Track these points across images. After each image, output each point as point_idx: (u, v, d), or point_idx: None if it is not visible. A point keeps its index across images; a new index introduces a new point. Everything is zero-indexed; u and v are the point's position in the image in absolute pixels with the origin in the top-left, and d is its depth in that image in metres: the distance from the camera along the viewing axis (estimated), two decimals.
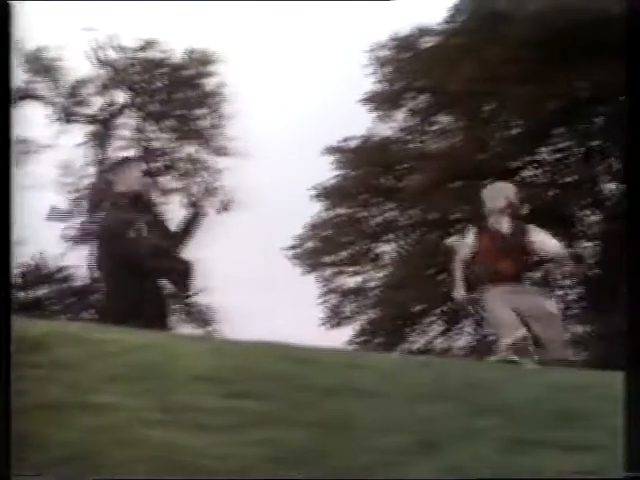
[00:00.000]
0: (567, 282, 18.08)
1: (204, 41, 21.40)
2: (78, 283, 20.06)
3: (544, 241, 7.05)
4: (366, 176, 19.16)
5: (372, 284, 19.50)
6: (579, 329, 17.58)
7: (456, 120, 18.82)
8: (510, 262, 6.91)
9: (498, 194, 7.09)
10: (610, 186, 17.60)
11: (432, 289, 18.18)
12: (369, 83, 19.29)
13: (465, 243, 7.09)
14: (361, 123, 19.51)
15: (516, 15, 15.95)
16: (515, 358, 6.97)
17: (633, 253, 3.57)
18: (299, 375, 3.79)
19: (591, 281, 17.32)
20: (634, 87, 3.71)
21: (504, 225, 6.99)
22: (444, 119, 19.27)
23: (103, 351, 3.83)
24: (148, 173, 21.05)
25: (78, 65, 19.89)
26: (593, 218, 17.77)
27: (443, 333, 19.16)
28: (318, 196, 19.03)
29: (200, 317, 21.09)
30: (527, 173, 18.13)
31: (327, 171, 19.17)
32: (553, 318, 7.07)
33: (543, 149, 17.93)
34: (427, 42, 19.37)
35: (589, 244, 17.82)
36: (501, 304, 6.92)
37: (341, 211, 19.35)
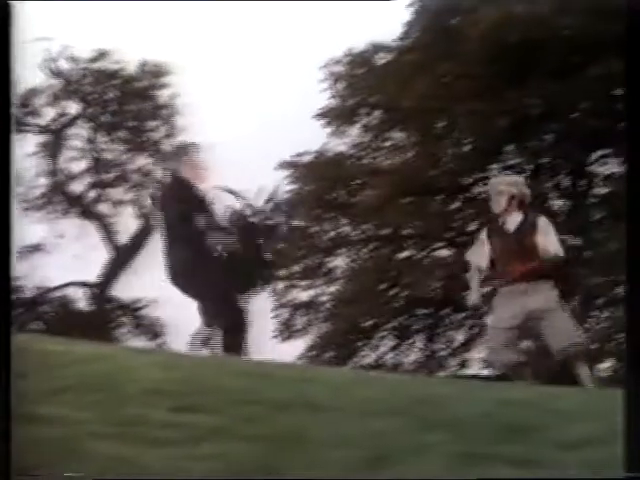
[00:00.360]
0: None
1: (158, 53, 21.33)
2: (27, 294, 19.83)
3: (545, 243, 6.79)
4: (319, 191, 19.19)
5: (324, 298, 19.52)
6: (528, 345, 17.72)
7: (409, 136, 18.95)
8: (519, 261, 6.69)
9: (501, 191, 6.83)
10: (559, 203, 17.82)
11: (384, 304, 18.26)
12: (324, 98, 19.38)
13: (478, 250, 6.91)
14: (316, 138, 19.57)
15: (469, 32, 16.12)
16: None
17: (633, 253, 3.60)
18: (250, 389, 3.78)
19: None
20: (634, 87, 3.75)
21: (511, 223, 6.79)
22: (397, 135, 19.40)
23: (51, 362, 3.79)
24: (98, 185, 21.00)
25: (30, 75, 19.71)
26: None
27: (394, 348, 19.22)
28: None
29: (150, 330, 20.97)
30: (478, 190, 18.31)
31: (281, 185, 19.12)
32: (561, 310, 6.97)
33: (494, 166, 18.11)
34: (381, 58, 19.51)
35: None
36: (506, 310, 6.78)
37: (294, 225, 19.36)
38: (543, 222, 6.83)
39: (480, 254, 6.85)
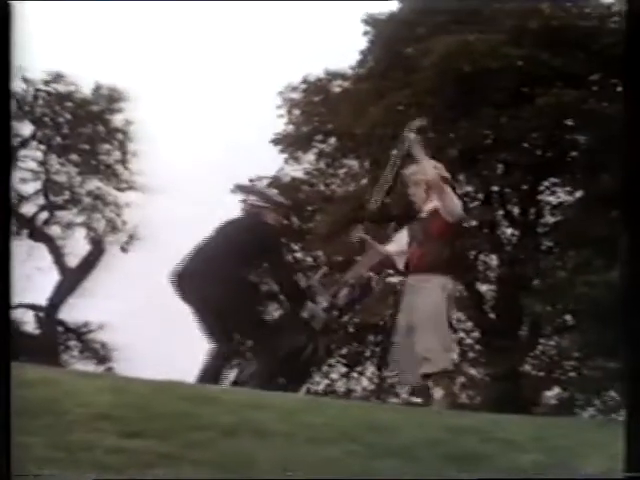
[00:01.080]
0: (464, 326, 18.39)
1: (112, 77, 21.27)
2: None
3: (444, 204, 6.13)
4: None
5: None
6: (475, 372, 17.87)
7: (363, 163, 19.05)
8: (418, 249, 6.23)
9: (413, 187, 6.39)
10: (508, 231, 18.01)
11: (334, 330, 18.24)
12: (281, 124, 19.46)
13: (396, 238, 6.54)
14: (272, 164, 19.63)
15: (422, 61, 16.30)
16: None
17: (632, 256, 3.65)
18: (198, 414, 3.76)
19: (487, 324, 17.65)
20: (634, 88, 3.81)
21: (425, 211, 6.32)
22: (351, 162, 19.50)
23: None
24: (49, 207, 20.84)
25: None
26: (491, 262, 18.14)
27: (344, 375, 19.23)
28: None
29: (97, 354, 20.77)
30: None
31: (235, 210, 19.13)
32: (434, 321, 6.09)
33: None
34: (337, 86, 19.65)
35: (487, 287, 18.17)
36: (401, 307, 6.30)
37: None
38: (440, 194, 6.17)
39: (395, 242, 6.48)
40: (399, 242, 6.49)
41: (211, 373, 5.96)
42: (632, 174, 3.72)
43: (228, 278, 6.03)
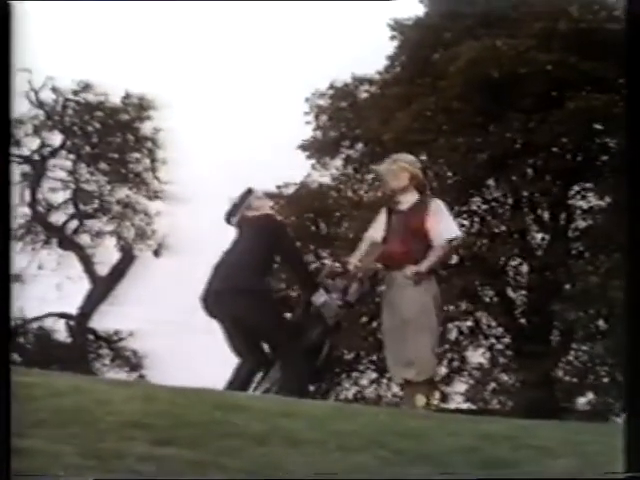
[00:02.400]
0: (495, 332, 18.29)
1: (141, 85, 21.39)
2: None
3: (436, 226, 6.07)
4: (301, 223, 19.21)
5: None
6: (506, 378, 17.76)
7: None
8: (400, 243, 6.09)
9: (403, 168, 6.29)
10: (539, 236, 17.91)
11: (364, 337, 18.22)
12: (308, 130, 19.48)
13: (375, 226, 6.37)
14: (299, 169, 19.66)
15: (450, 66, 16.25)
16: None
17: (633, 261, 3.62)
18: (229, 422, 3.76)
19: (518, 330, 17.54)
20: (634, 90, 3.78)
21: (405, 203, 6.23)
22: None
23: (29, 395, 3.76)
24: (79, 216, 20.96)
25: (13, 105, 19.69)
26: (522, 268, 18.03)
27: (374, 381, 19.18)
28: None
29: (129, 362, 20.85)
30: (459, 222, 18.38)
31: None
32: (420, 322, 5.97)
33: (475, 199, 18.20)
34: (364, 91, 19.65)
35: (517, 293, 18.07)
36: (384, 303, 6.14)
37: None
38: (436, 205, 6.19)
39: (376, 229, 6.32)
40: (377, 230, 6.36)
41: (238, 387, 5.95)
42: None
43: (249, 290, 6.03)
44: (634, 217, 3.68)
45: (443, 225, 6.12)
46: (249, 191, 6.48)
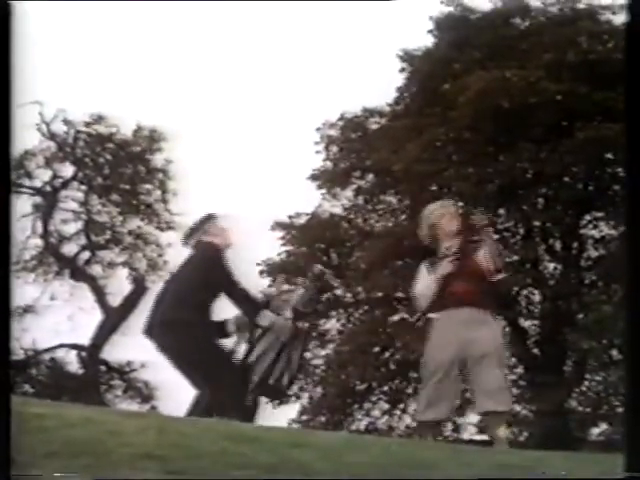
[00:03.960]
0: (508, 362, 18.21)
1: (152, 117, 21.53)
2: (17, 356, 19.70)
3: (487, 262, 6.32)
4: (313, 253, 19.22)
5: (317, 362, 19.42)
6: (519, 409, 17.64)
7: (401, 200, 19.05)
8: (464, 283, 6.27)
9: (453, 216, 6.48)
10: (551, 266, 17.86)
11: (376, 367, 18.16)
12: (319, 160, 19.56)
13: (422, 281, 6.40)
14: (310, 200, 19.71)
15: (460, 97, 16.31)
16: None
17: (632, 269, 3.62)
18: (240, 453, 3.75)
19: (531, 360, 17.45)
20: (634, 92, 3.79)
21: (454, 247, 6.41)
22: (390, 198, 19.50)
23: (41, 426, 3.76)
24: (91, 247, 21.04)
25: (25, 137, 19.86)
26: (534, 298, 17.97)
27: (386, 412, 19.09)
28: (265, 272, 19.00)
29: (140, 393, 20.81)
30: None
31: (274, 246, 19.23)
32: (500, 358, 6.26)
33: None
34: (374, 123, 19.72)
35: (530, 323, 18.00)
36: (443, 338, 6.19)
37: (287, 287, 19.30)
38: (485, 241, 6.38)
39: (424, 284, 6.38)
40: (424, 282, 6.45)
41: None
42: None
43: (180, 322, 5.98)
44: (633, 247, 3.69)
45: (493, 259, 6.37)
46: (209, 216, 6.41)
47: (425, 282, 6.39)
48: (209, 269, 6.12)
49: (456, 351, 6.18)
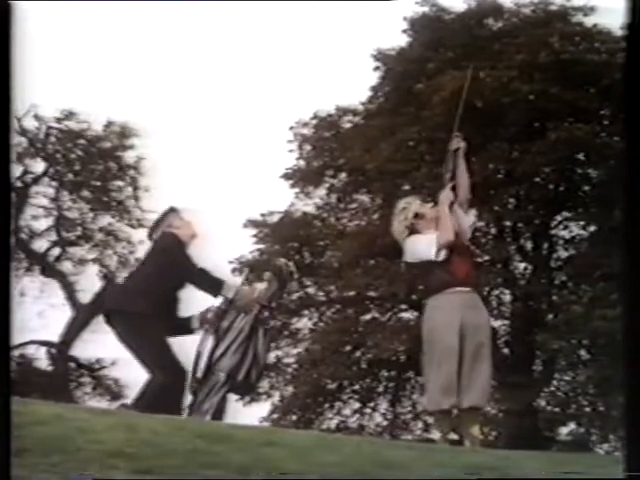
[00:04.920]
0: None
1: (123, 113, 21.42)
2: None
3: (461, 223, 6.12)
4: (285, 251, 19.20)
5: (288, 360, 19.41)
6: (489, 408, 17.72)
7: (374, 199, 19.08)
8: (462, 262, 5.99)
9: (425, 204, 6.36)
10: (521, 266, 17.95)
11: (348, 366, 18.18)
12: (292, 159, 19.54)
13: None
14: (283, 198, 19.70)
15: (433, 97, 16.35)
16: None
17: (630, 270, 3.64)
18: (212, 452, 3.74)
19: (501, 360, 17.54)
20: (634, 93, 3.81)
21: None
22: (362, 197, 19.53)
23: (12, 423, 3.72)
24: (61, 243, 20.91)
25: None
26: (505, 298, 18.06)
27: (357, 411, 19.11)
28: (237, 269, 18.98)
29: (110, 391, 20.72)
30: None
31: (247, 244, 19.23)
32: (489, 347, 5.96)
33: None
34: (347, 122, 19.73)
35: (500, 323, 18.09)
36: (449, 320, 5.82)
37: (259, 286, 19.28)
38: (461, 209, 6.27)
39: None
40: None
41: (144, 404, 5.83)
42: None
43: (141, 313, 5.97)
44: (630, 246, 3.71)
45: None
46: (171, 209, 6.44)
47: (436, 236, 6.01)
48: (167, 258, 6.14)
49: (459, 335, 5.81)
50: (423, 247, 6.03)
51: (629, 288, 3.67)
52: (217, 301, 6.24)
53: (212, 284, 6.16)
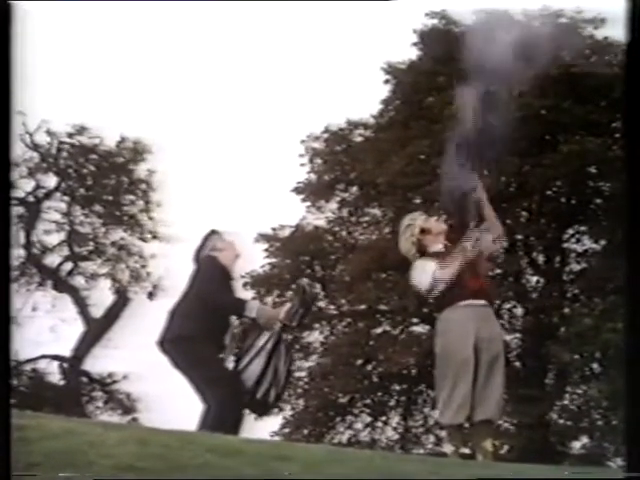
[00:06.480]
0: None
1: (136, 129, 21.49)
2: None
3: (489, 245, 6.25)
4: (296, 265, 19.22)
5: (300, 374, 19.39)
6: (501, 422, 17.66)
7: (385, 212, 19.08)
8: (475, 275, 5.97)
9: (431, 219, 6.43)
10: (533, 279, 17.91)
11: (359, 380, 18.15)
12: (303, 173, 19.58)
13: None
14: (294, 212, 19.73)
15: (445, 110, 16.36)
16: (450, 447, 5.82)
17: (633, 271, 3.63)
18: (222, 466, 3.74)
19: (513, 374, 17.48)
20: (634, 94, 3.81)
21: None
22: (374, 211, 19.54)
23: (23, 437, 3.73)
24: (73, 258, 20.96)
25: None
26: (516, 311, 18.02)
27: (369, 425, 19.07)
28: (249, 284, 19.00)
29: (122, 405, 20.72)
30: None
31: (259, 259, 19.25)
32: (502, 359, 5.93)
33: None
34: (359, 135, 19.76)
35: (512, 336, 18.04)
36: (464, 334, 5.78)
37: (270, 299, 19.34)
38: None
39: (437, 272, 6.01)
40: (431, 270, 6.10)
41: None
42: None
43: (191, 337, 6.02)
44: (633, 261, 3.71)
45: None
46: (212, 232, 6.47)
47: (436, 269, 5.98)
48: (203, 283, 6.19)
49: (474, 348, 5.78)
50: (426, 277, 6.03)
51: (632, 301, 3.67)
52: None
53: (238, 305, 6.19)
